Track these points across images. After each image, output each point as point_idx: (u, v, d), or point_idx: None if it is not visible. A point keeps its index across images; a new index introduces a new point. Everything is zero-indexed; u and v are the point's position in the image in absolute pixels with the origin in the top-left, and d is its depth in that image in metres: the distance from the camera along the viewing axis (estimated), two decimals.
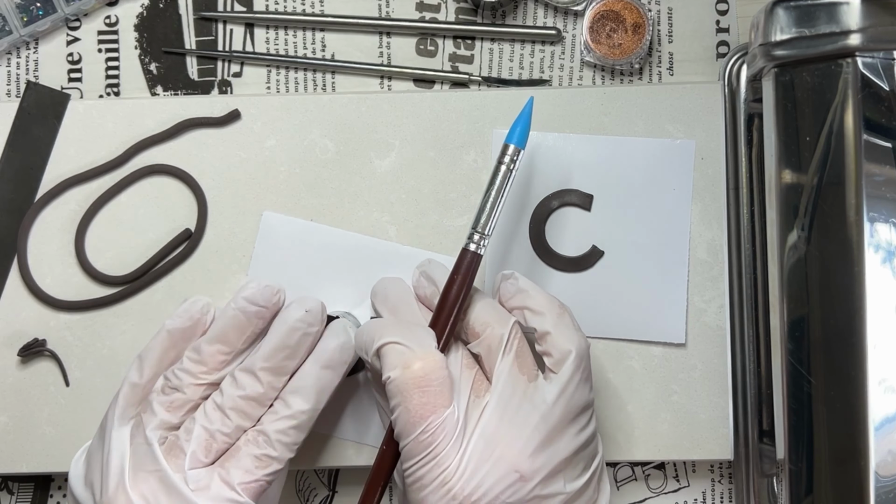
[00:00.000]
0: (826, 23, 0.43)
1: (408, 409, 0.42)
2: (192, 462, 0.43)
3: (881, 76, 0.43)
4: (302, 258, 0.52)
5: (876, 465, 0.41)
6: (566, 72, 0.54)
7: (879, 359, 0.42)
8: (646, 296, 0.51)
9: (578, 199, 0.52)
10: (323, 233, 0.52)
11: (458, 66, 0.55)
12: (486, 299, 0.46)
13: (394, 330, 0.44)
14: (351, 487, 0.55)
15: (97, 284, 0.52)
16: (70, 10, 0.54)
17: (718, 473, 0.54)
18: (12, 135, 0.53)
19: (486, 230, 0.45)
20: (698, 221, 0.52)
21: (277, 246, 0.52)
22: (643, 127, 0.52)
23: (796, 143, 0.44)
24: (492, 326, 0.44)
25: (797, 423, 0.44)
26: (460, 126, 0.52)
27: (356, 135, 0.52)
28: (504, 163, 0.45)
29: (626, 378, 0.51)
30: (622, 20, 0.52)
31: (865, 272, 0.42)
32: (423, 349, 0.43)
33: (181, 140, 0.53)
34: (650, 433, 0.51)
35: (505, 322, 0.44)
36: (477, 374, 0.44)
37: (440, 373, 0.42)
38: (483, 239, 0.45)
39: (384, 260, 0.52)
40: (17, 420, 0.52)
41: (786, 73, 0.45)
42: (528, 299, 0.45)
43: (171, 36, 0.55)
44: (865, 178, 0.42)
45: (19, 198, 0.53)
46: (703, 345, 0.51)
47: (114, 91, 0.55)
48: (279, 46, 0.55)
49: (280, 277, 0.50)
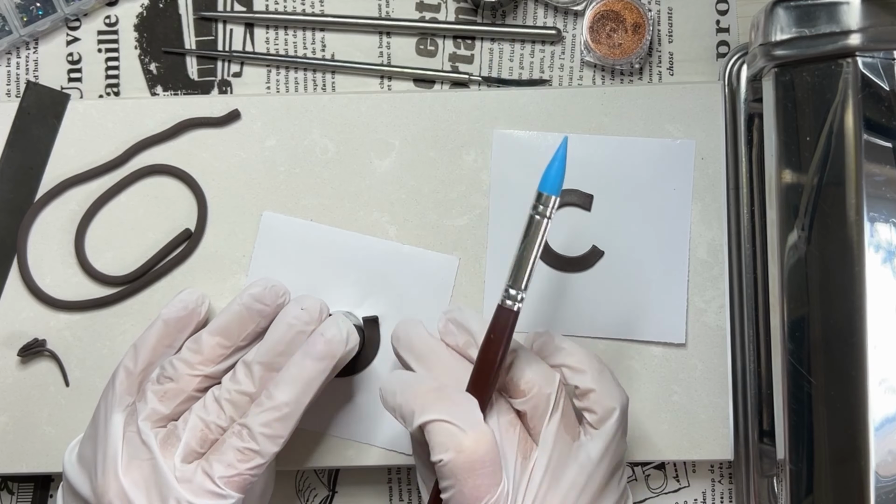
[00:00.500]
0: (826, 23, 0.43)
1: (462, 493, 0.41)
2: (185, 452, 0.43)
3: (881, 76, 0.43)
4: (302, 258, 0.52)
5: (876, 465, 0.41)
6: (566, 72, 0.54)
7: (879, 359, 0.42)
8: (646, 296, 0.51)
9: (578, 199, 0.52)
10: (323, 232, 0.52)
11: (458, 66, 0.55)
12: (528, 354, 0.45)
13: (438, 404, 0.42)
14: (351, 487, 0.55)
15: (97, 284, 0.52)
16: (70, 10, 0.54)
17: (718, 473, 0.54)
18: (12, 135, 0.53)
19: (524, 286, 0.42)
20: (698, 221, 0.52)
21: (277, 246, 0.52)
22: (643, 127, 0.52)
23: (796, 143, 0.44)
24: (539, 386, 0.43)
25: (797, 423, 0.44)
26: (460, 126, 0.52)
27: (356, 135, 0.52)
28: (539, 213, 0.42)
29: (626, 378, 0.51)
30: (622, 20, 0.52)
31: (865, 272, 0.42)
32: (473, 427, 0.41)
33: (181, 140, 0.53)
34: (650, 433, 0.51)
35: (551, 381, 0.44)
36: (521, 434, 0.43)
37: (493, 454, 0.41)
38: (519, 294, 0.42)
39: (384, 259, 0.52)
40: (17, 420, 0.52)
41: (786, 73, 0.45)
42: (568, 357, 0.45)
43: (171, 36, 0.55)
44: (865, 178, 0.42)
45: (19, 198, 0.53)
46: (703, 345, 0.51)
47: (114, 91, 0.55)
48: (279, 46, 0.55)
49: (280, 277, 0.50)
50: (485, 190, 0.52)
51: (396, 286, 0.51)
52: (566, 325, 0.51)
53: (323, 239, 0.52)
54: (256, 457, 0.43)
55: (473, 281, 0.52)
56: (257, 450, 0.43)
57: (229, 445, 0.44)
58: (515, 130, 0.52)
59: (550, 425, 0.43)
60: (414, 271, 0.51)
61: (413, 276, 0.51)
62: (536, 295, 0.51)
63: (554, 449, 0.43)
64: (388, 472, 0.55)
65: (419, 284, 0.51)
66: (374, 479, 0.55)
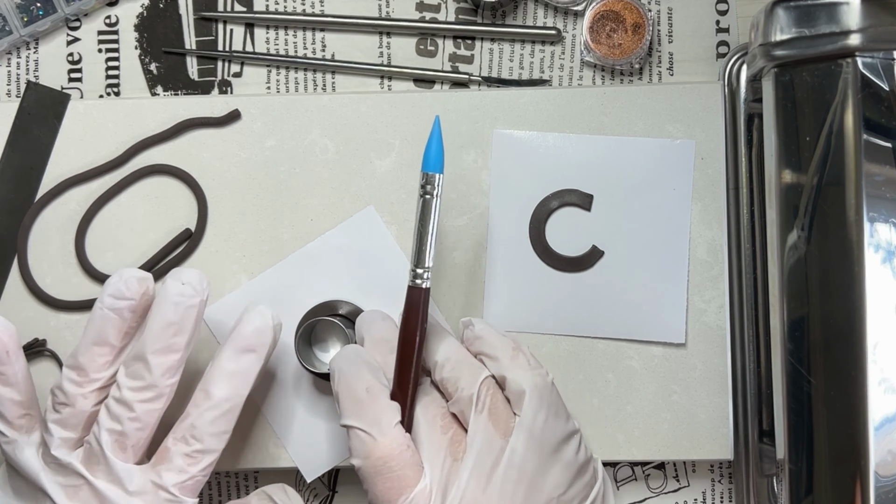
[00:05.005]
0: (826, 23, 0.43)
1: (375, 495, 0.42)
2: (121, 468, 0.43)
3: (881, 76, 0.43)
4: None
5: (876, 465, 0.41)
6: (566, 72, 0.54)
7: (879, 359, 0.42)
8: (646, 296, 0.51)
9: (578, 199, 0.52)
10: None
11: (458, 66, 0.55)
12: (453, 346, 0.45)
13: (358, 409, 0.43)
14: (351, 487, 0.55)
15: (97, 284, 0.52)
16: (70, 10, 0.54)
17: (718, 473, 0.54)
18: (12, 135, 0.53)
19: (427, 264, 0.44)
20: (698, 221, 0.52)
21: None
22: (643, 127, 0.52)
23: (796, 143, 0.44)
24: (462, 388, 0.44)
25: (797, 423, 0.44)
26: (460, 126, 0.52)
27: (356, 135, 0.52)
28: (428, 193, 0.44)
29: (626, 378, 0.51)
30: (622, 20, 0.52)
31: (865, 272, 0.42)
32: (383, 433, 0.42)
33: (181, 140, 0.53)
34: (650, 433, 0.51)
35: (475, 378, 0.44)
36: (454, 435, 0.43)
37: (401, 456, 0.42)
38: (426, 272, 0.44)
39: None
40: None
41: (786, 73, 0.45)
42: (484, 345, 0.45)
43: (172, 36, 0.55)
44: (865, 178, 0.42)
45: (19, 198, 0.53)
46: (703, 345, 0.51)
47: (114, 91, 0.55)
48: (279, 46, 0.55)
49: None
50: (485, 190, 0.52)
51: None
52: (566, 325, 0.51)
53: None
54: (205, 456, 0.44)
55: (473, 280, 0.52)
56: (204, 449, 0.43)
57: (176, 452, 0.43)
58: (515, 130, 0.52)
59: (475, 424, 0.43)
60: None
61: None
62: (536, 295, 0.51)
63: (482, 448, 0.42)
64: None
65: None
66: None
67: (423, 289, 0.44)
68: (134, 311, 0.45)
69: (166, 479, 0.43)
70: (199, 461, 0.43)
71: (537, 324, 0.51)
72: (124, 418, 0.43)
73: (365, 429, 0.42)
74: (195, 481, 0.44)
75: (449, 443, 0.43)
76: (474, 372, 0.44)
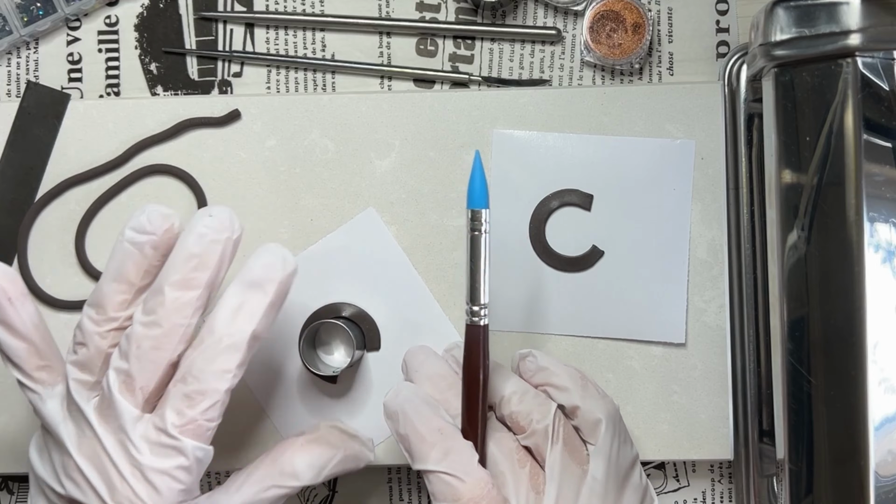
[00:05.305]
0: (826, 23, 0.43)
1: None
2: (125, 411, 0.41)
3: (881, 76, 0.43)
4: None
5: (876, 465, 0.41)
6: (566, 72, 0.54)
7: (879, 359, 0.42)
8: (646, 296, 0.51)
9: (578, 199, 0.52)
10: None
11: (458, 66, 0.55)
12: (517, 380, 0.45)
13: (435, 453, 0.42)
14: (351, 487, 0.55)
15: None
16: (70, 10, 0.54)
17: (718, 473, 0.54)
18: (12, 135, 0.53)
19: (483, 301, 0.43)
20: (698, 221, 0.52)
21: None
22: (643, 127, 0.52)
23: (796, 143, 0.44)
24: (535, 419, 0.43)
25: (797, 423, 0.44)
26: (460, 126, 0.52)
27: (356, 135, 0.52)
28: (476, 229, 0.43)
29: (626, 378, 0.51)
30: (622, 20, 0.52)
31: (865, 272, 0.42)
32: (468, 474, 0.41)
33: (181, 140, 0.53)
34: (650, 433, 0.51)
35: (546, 411, 0.43)
36: (531, 469, 0.43)
37: (489, 495, 0.41)
38: (482, 309, 0.43)
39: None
40: (17, 420, 0.52)
41: (786, 73, 0.45)
42: (551, 376, 0.45)
43: (172, 36, 0.55)
44: (865, 178, 0.42)
45: (19, 198, 0.53)
46: (703, 345, 0.51)
47: (114, 91, 0.55)
48: (279, 46, 0.55)
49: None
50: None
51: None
52: (566, 325, 0.51)
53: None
54: (204, 398, 0.40)
55: None
56: (203, 389, 0.40)
57: (175, 393, 0.41)
58: (515, 130, 0.52)
59: (553, 456, 0.42)
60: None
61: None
62: (536, 295, 0.51)
63: (562, 479, 0.42)
64: (388, 471, 0.55)
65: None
66: (374, 479, 0.55)
67: (482, 326, 0.43)
68: (156, 248, 0.42)
69: (166, 421, 0.40)
70: (197, 402, 0.40)
71: (537, 324, 0.51)
72: (132, 355, 0.41)
73: (450, 472, 0.41)
74: (196, 425, 0.41)
75: (528, 476, 0.43)
76: (544, 404, 0.44)
